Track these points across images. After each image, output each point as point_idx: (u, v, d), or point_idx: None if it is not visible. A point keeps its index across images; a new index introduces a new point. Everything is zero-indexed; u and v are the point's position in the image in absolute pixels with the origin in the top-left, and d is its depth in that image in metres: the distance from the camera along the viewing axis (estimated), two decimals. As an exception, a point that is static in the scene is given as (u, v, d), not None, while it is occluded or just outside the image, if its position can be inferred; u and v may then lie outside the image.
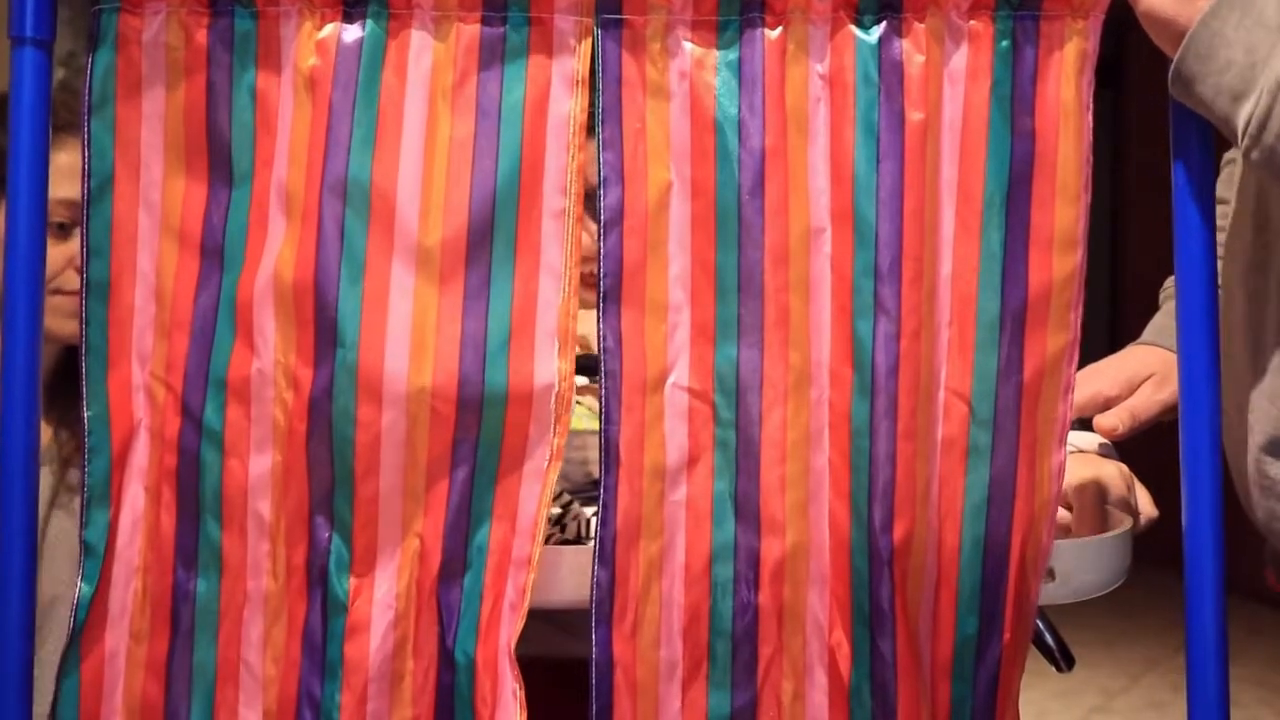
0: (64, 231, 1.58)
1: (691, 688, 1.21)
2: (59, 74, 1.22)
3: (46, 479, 1.54)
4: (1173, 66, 1.13)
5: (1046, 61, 1.18)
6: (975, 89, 1.18)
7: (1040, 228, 1.19)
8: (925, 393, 1.19)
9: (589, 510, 1.36)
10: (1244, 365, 1.26)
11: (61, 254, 1.50)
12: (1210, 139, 1.18)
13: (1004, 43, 1.18)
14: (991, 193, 1.19)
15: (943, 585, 1.22)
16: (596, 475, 1.28)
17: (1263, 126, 1.09)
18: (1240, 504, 1.29)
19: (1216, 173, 1.19)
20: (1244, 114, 1.10)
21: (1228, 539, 1.18)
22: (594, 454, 1.25)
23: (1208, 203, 1.17)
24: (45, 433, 1.56)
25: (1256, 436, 1.23)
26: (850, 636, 1.20)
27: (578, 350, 1.23)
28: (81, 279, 1.22)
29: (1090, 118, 1.18)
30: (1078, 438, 1.47)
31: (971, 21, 1.19)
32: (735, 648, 1.21)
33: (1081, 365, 1.22)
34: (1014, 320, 1.19)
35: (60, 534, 1.54)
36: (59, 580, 1.50)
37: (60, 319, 1.48)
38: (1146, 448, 1.55)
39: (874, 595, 1.19)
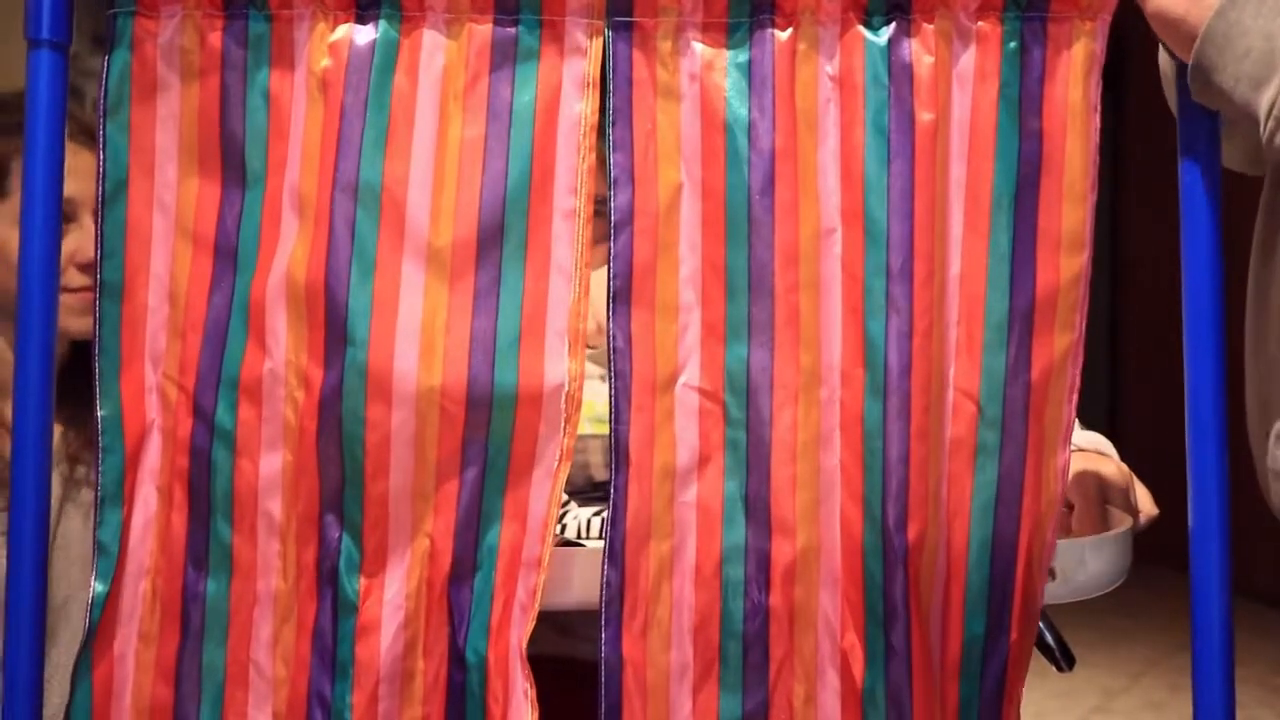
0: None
1: (702, 690, 1.21)
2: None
3: (55, 479, 1.54)
4: (1191, 60, 1.13)
5: (1054, 63, 1.19)
6: (984, 90, 1.19)
7: (1048, 228, 1.19)
8: (936, 392, 1.20)
9: (587, 511, 1.36)
10: (1276, 361, 1.25)
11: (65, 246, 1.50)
12: (1218, 138, 1.18)
13: (1012, 44, 1.19)
14: (1000, 193, 1.19)
15: (952, 585, 1.22)
16: (598, 478, 1.28)
17: None
18: (1244, 506, 1.29)
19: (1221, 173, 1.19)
20: (1266, 99, 1.10)
21: (1232, 541, 1.19)
22: (595, 457, 1.25)
23: (1215, 202, 1.17)
24: (54, 432, 1.56)
25: (1277, 427, 1.23)
26: (863, 638, 1.20)
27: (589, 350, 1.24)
28: (95, 280, 1.22)
29: (1098, 119, 1.19)
30: (1078, 436, 1.47)
31: (980, 23, 1.19)
32: (746, 649, 1.21)
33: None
34: (1022, 320, 1.20)
35: (71, 533, 1.54)
36: (71, 581, 1.50)
37: (68, 314, 1.48)
38: (1148, 448, 1.56)
39: (888, 596, 1.19)
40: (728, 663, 1.21)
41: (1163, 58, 1.25)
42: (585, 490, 1.39)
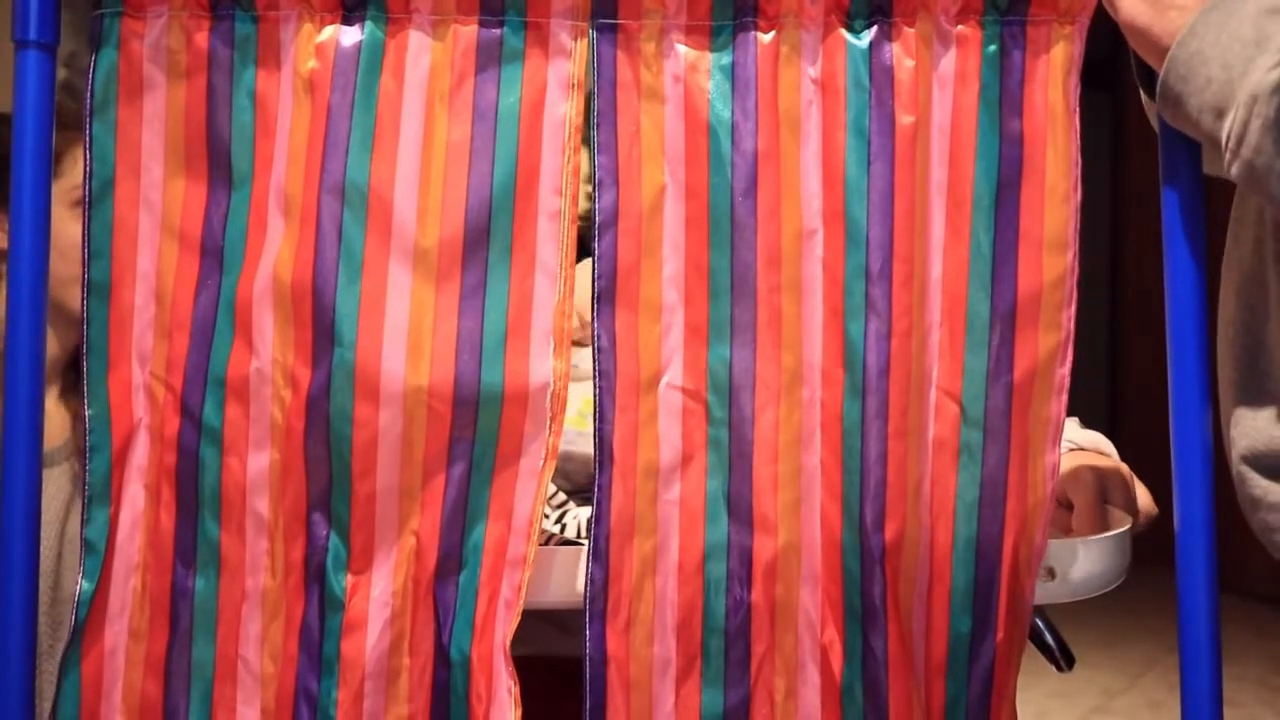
0: None
1: (685, 685, 1.22)
2: (61, 74, 1.23)
3: (65, 476, 1.55)
4: (1159, 88, 1.15)
5: (1034, 65, 1.19)
6: (964, 93, 1.20)
7: (1029, 229, 1.20)
8: (916, 393, 1.20)
9: (586, 511, 1.36)
10: (1232, 377, 1.26)
11: None
12: (1199, 163, 1.19)
13: (992, 47, 1.20)
14: (981, 195, 1.20)
15: (935, 584, 1.23)
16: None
17: (1240, 140, 1.10)
18: (1237, 505, 1.29)
19: (1207, 195, 1.20)
20: (1224, 129, 1.11)
21: (1228, 540, 1.19)
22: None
23: (1197, 225, 1.18)
24: (64, 425, 1.56)
25: (1239, 448, 1.24)
26: (842, 634, 1.21)
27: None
28: (83, 279, 1.23)
29: (1077, 120, 1.20)
30: (1078, 435, 1.47)
31: (960, 26, 1.20)
32: (728, 645, 1.22)
33: (1078, 366, 1.23)
34: (1004, 321, 1.20)
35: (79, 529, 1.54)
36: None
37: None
38: (1148, 448, 1.55)
39: (866, 593, 1.20)
40: (710, 658, 1.22)
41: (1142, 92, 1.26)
42: (586, 488, 1.39)
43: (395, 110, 1.20)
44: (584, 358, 1.27)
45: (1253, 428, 1.21)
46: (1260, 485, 1.21)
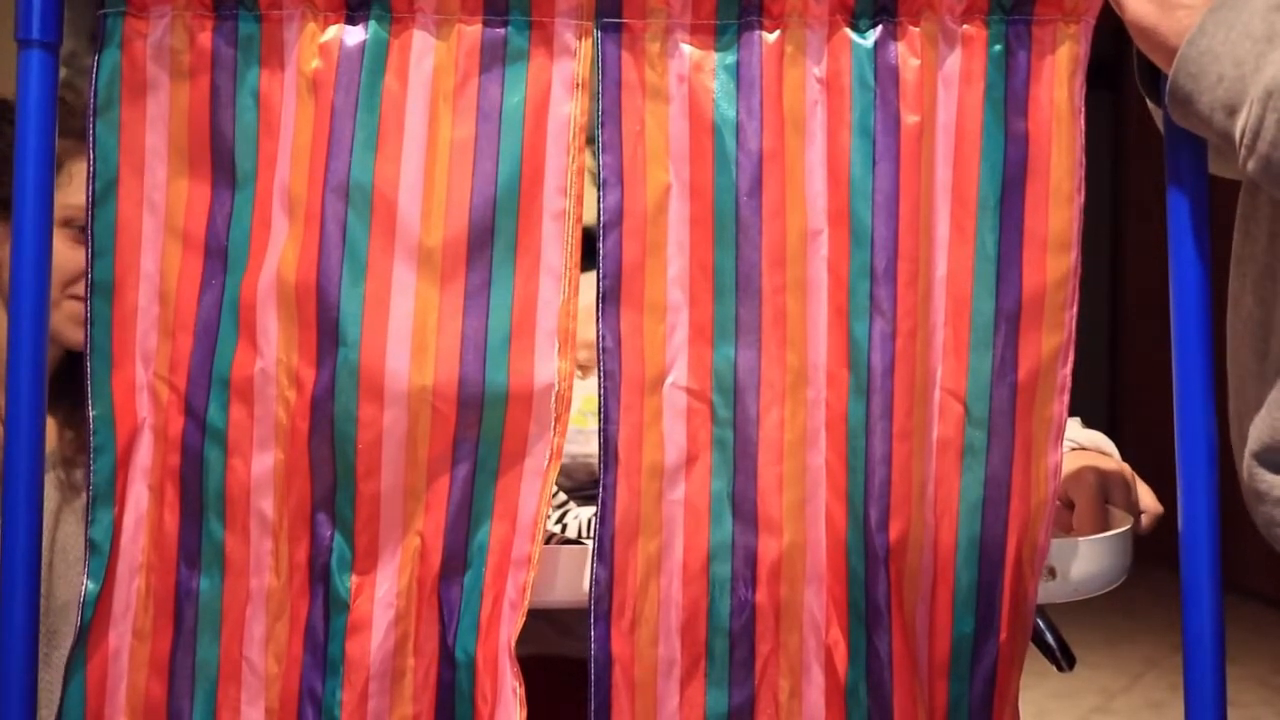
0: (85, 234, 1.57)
1: (689, 685, 1.22)
2: (61, 74, 1.23)
3: (51, 484, 1.54)
4: (1168, 88, 1.15)
5: (1039, 65, 1.19)
6: (969, 92, 1.20)
7: (1034, 229, 1.20)
8: (921, 393, 1.20)
9: (587, 511, 1.37)
10: (1248, 371, 1.26)
11: (82, 259, 1.50)
12: (1204, 162, 1.19)
13: (997, 47, 1.20)
14: (985, 195, 1.20)
15: (939, 584, 1.23)
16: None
17: (1256, 135, 1.10)
18: (1243, 506, 1.29)
19: (1210, 194, 1.20)
20: (1239, 126, 1.11)
21: (1230, 540, 1.19)
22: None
23: (1202, 225, 1.19)
24: (50, 435, 1.56)
25: (1250, 444, 1.24)
26: (847, 635, 1.21)
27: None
28: (87, 280, 1.23)
29: (1082, 120, 1.20)
30: (1080, 435, 1.47)
31: (965, 26, 1.20)
32: (733, 646, 1.22)
33: (1079, 366, 1.23)
34: (1008, 321, 1.20)
35: (70, 538, 1.54)
36: (71, 584, 1.50)
37: (74, 325, 1.48)
38: (1148, 448, 1.55)
39: (870, 593, 1.20)
40: (714, 659, 1.22)
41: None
42: (587, 486, 1.40)
43: (399, 110, 1.20)
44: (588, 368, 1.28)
45: (1264, 421, 1.21)
46: (1266, 480, 1.21)
